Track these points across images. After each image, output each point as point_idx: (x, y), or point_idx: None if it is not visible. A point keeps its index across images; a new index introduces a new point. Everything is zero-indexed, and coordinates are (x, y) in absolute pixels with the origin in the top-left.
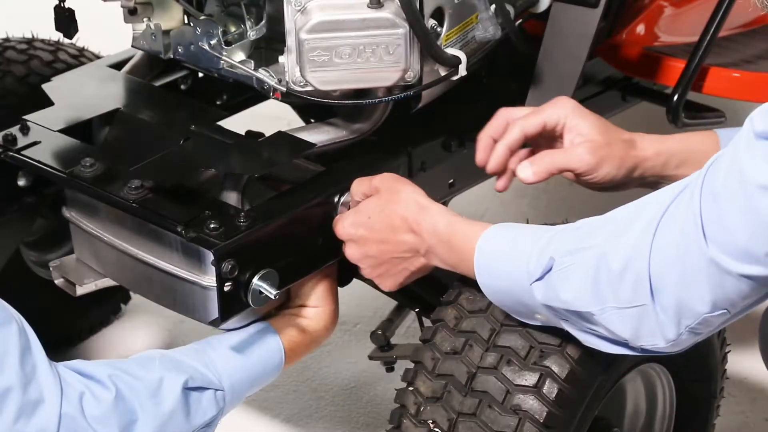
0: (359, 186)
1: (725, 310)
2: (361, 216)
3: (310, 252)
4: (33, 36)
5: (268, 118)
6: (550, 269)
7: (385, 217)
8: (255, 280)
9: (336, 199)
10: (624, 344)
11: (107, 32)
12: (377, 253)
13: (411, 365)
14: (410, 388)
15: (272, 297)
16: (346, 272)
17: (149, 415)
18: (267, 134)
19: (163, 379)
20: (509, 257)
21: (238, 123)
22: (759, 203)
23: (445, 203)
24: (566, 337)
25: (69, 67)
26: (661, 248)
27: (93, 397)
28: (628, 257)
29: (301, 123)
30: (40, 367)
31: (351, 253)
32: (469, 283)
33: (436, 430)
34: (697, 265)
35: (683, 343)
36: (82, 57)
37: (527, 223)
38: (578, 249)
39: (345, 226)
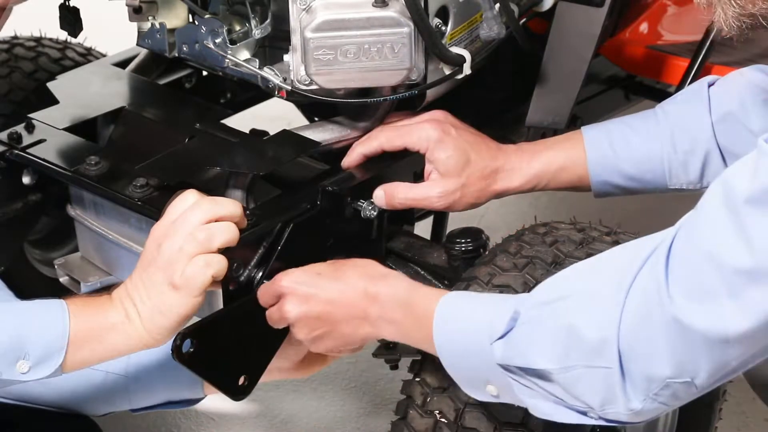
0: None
1: (689, 380)
2: (310, 273)
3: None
4: (41, 35)
5: (269, 118)
6: (514, 326)
7: (339, 276)
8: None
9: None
10: (583, 412)
11: (112, 31)
12: (321, 313)
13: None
14: (417, 379)
15: None
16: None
17: None
18: (270, 133)
19: None
20: (471, 314)
21: (238, 123)
22: None
23: None
24: None
25: (77, 66)
26: (630, 316)
27: None
28: (597, 327)
29: (303, 122)
30: None
31: (290, 308)
32: (478, 274)
33: (443, 420)
34: (660, 323)
35: (646, 414)
36: (89, 56)
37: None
38: (544, 302)
39: (289, 280)
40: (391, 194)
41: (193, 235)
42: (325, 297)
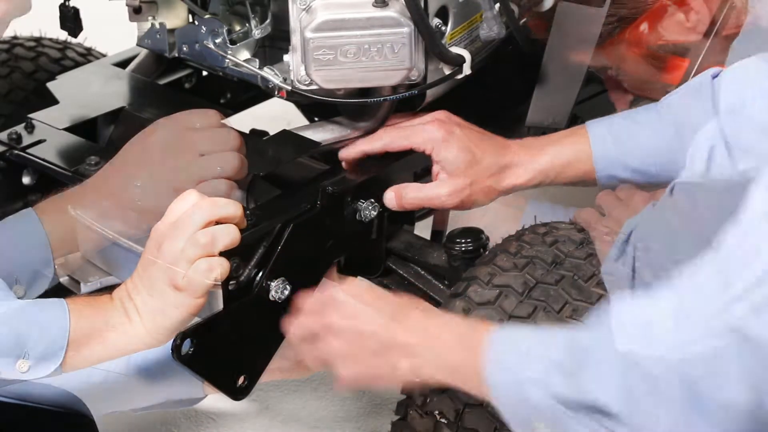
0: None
1: None
2: (370, 295)
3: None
4: (41, 35)
5: (269, 118)
6: (578, 360)
7: (393, 301)
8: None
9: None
10: None
11: (112, 31)
12: (373, 330)
13: None
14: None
15: None
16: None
17: None
18: (270, 133)
19: None
20: (528, 341)
21: (238, 123)
22: None
23: None
24: None
25: (77, 65)
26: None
27: None
28: (661, 363)
29: (303, 122)
30: None
31: (333, 320)
32: (478, 274)
33: (443, 420)
34: (724, 340)
35: None
36: (89, 56)
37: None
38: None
39: (343, 294)
40: (400, 195)
41: (195, 239)
42: (378, 318)
